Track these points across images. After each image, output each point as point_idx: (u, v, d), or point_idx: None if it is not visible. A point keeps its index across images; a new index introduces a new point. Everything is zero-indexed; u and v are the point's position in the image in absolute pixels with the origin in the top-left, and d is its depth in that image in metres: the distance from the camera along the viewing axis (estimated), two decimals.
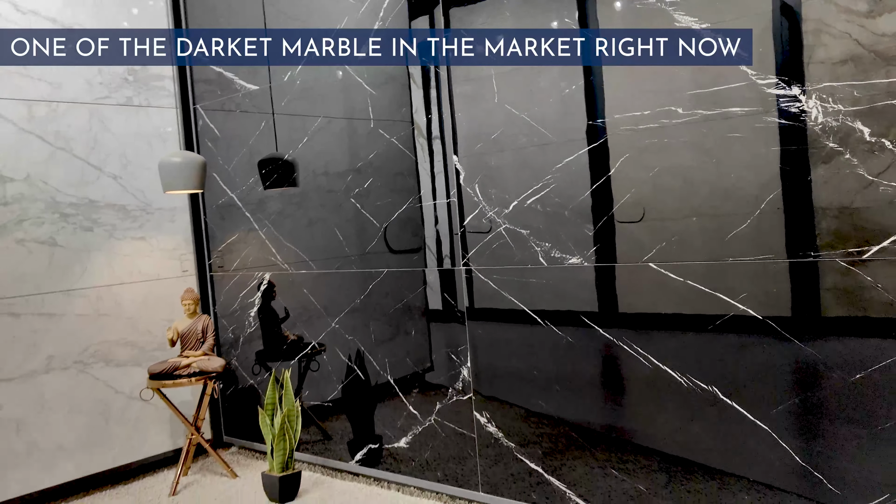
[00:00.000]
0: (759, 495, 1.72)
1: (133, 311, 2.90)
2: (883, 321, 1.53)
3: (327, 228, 2.66)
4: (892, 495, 1.54)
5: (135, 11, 2.93)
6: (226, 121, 3.00)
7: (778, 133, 1.64)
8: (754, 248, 1.69)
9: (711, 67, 1.72)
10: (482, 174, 2.19)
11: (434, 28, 2.25)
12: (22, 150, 2.62)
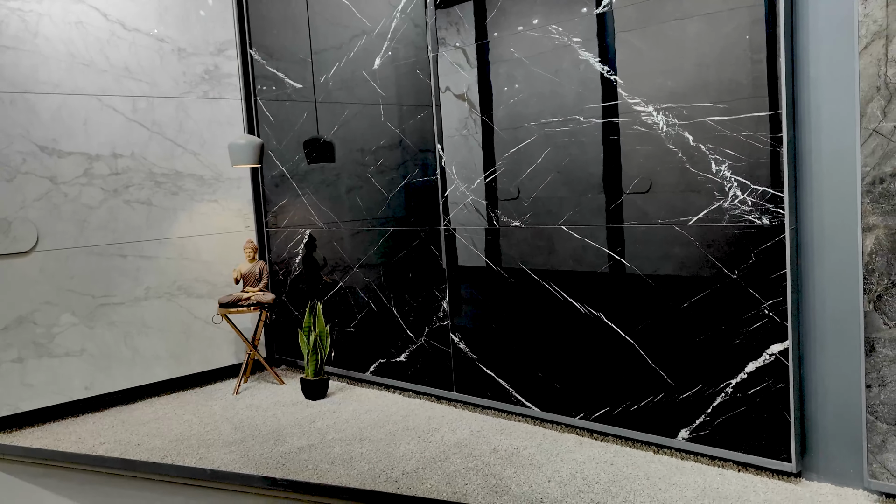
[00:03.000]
0: (625, 376, 2.48)
1: (208, 256, 3.82)
2: (697, 275, 2.26)
3: (352, 196, 3.49)
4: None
5: (213, 27, 3.79)
6: (279, 109, 3.84)
7: (639, 136, 2.37)
8: (627, 216, 2.43)
9: (597, 87, 2.45)
10: (457, 160, 2.97)
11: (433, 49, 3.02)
12: (129, 134, 3.53)
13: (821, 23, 2.02)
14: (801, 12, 2.06)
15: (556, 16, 2.56)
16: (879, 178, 1.92)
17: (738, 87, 2.15)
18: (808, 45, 2.05)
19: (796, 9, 2.07)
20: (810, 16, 2.04)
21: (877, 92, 1.90)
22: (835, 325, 2.07)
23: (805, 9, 2.05)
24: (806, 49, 2.06)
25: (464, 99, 2.91)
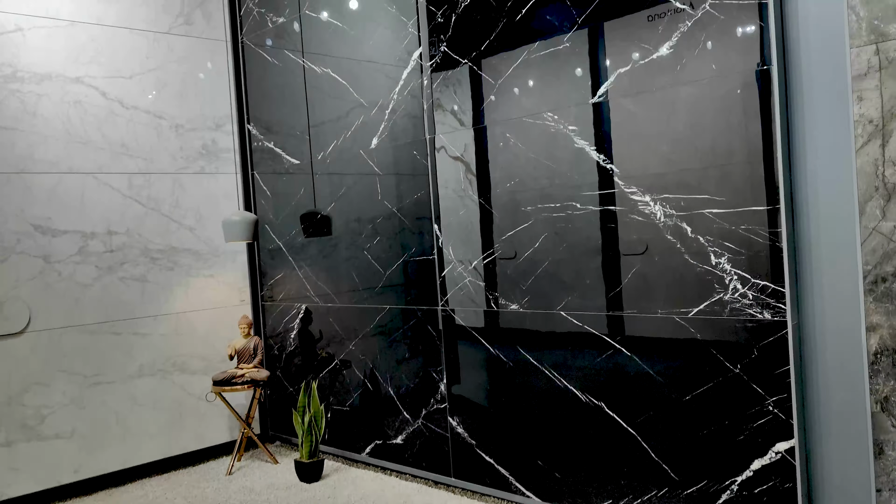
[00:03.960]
0: None
1: (203, 331, 3.77)
2: (699, 368, 2.22)
3: (349, 272, 3.46)
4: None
5: (211, 102, 3.81)
6: (276, 183, 3.84)
7: (636, 223, 2.35)
8: (627, 305, 2.40)
9: (594, 175, 2.44)
10: (454, 240, 2.96)
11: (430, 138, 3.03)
12: (125, 211, 3.51)
13: (818, 120, 2.03)
14: (798, 109, 2.06)
15: (552, 104, 2.57)
16: (881, 277, 1.89)
17: (735, 180, 2.14)
18: (805, 141, 2.05)
19: (792, 106, 2.07)
20: (806, 114, 2.04)
21: (875, 191, 1.89)
22: (842, 425, 2.02)
23: (801, 107, 2.05)
24: (803, 145, 2.06)
25: (460, 181, 2.91)
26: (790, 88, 2.07)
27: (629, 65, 2.35)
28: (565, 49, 2.52)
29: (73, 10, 3.36)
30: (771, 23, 2.04)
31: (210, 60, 3.81)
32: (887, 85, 1.85)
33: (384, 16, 3.15)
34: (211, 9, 3.80)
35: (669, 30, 2.24)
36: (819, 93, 2.01)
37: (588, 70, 2.48)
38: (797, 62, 2.05)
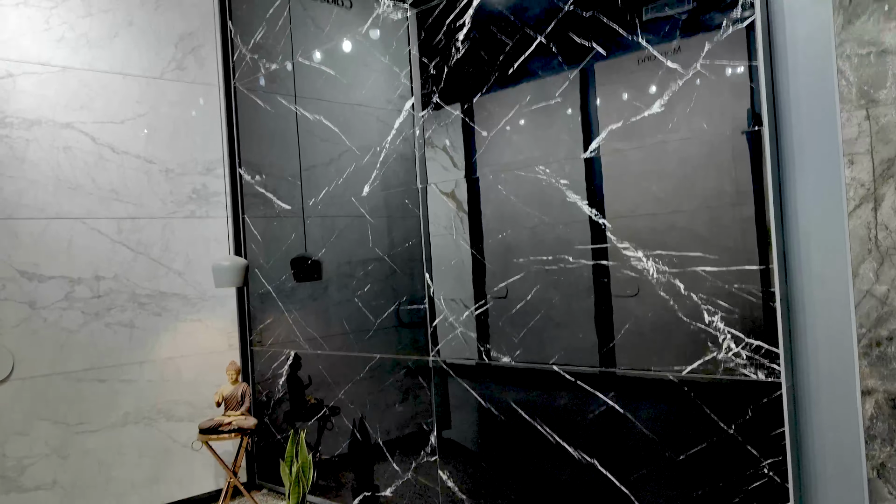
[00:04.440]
0: None
1: (190, 377, 3.71)
2: (693, 428, 2.20)
3: (339, 320, 3.42)
4: None
5: (202, 146, 3.80)
6: (266, 228, 3.82)
7: (629, 279, 2.34)
8: (620, 360, 2.38)
9: (586, 230, 2.44)
10: (446, 290, 2.93)
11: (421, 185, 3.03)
12: (113, 256, 3.48)
13: (810, 182, 2.03)
14: (789, 171, 2.07)
15: (544, 157, 2.57)
16: (876, 341, 1.88)
17: (728, 238, 2.14)
18: (797, 202, 2.05)
19: (784, 167, 2.08)
20: (798, 175, 2.05)
21: (868, 254, 1.89)
22: (838, 491, 2.00)
23: (793, 168, 2.06)
24: (795, 206, 2.06)
25: (452, 230, 2.90)
26: (782, 149, 2.08)
27: (621, 121, 2.36)
28: (557, 104, 2.53)
29: (66, 57, 3.36)
30: (762, 84, 2.05)
31: (202, 105, 3.80)
32: (878, 150, 1.86)
33: (377, 65, 3.16)
34: (204, 54, 3.81)
35: (661, 88, 2.26)
36: (811, 155, 2.02)
37: (580, 125, 2.49)
38: (788, 124, 2.06)
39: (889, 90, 1.84)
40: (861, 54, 1.88)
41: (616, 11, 2.36)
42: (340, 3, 3.38)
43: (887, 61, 1.84)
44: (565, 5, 2.48)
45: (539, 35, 2.56)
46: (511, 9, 2.64)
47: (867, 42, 1.87)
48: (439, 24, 2.89)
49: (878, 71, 1.85)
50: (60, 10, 3.35)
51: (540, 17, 2.56)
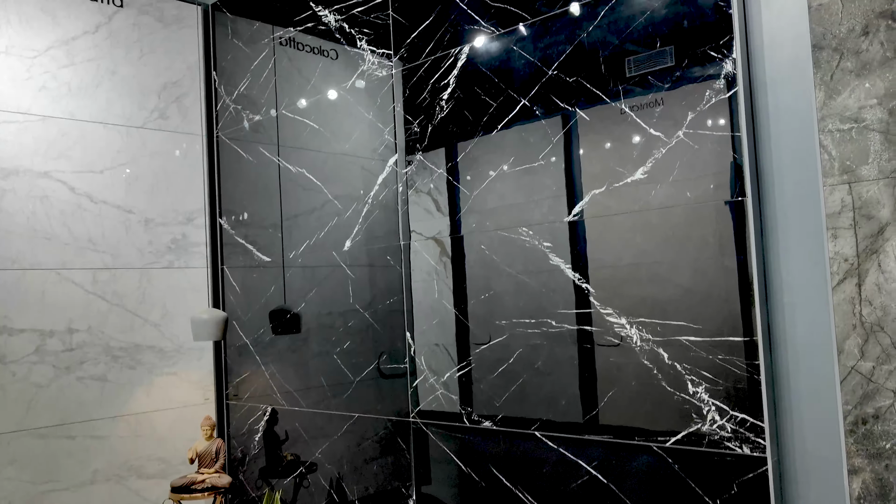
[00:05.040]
0: None
1: (163, 432, 3.61)
2: (678, 501, 2.15)
3: (317, 376, 3.36)
4: None
5: (183, 196, 3.76)
6: (246, 279, 3.76)
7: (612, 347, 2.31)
8: (603, 429, 2.33)
9: (570, 294, 2.41)
10: (427, 350, 2.89)
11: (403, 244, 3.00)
12: (87, 307, 3.40)
13: (793, 255, 2.02)
14: (773, 242, 2.06)
15: (528, 219, 2.56)
16: (862, 418, 1.85)
17: (712, 308, 2.11)
18: (781, 274, 2.04)
19: (767, 238, 2.07)
20: (781, 247, 2.04)
21: (853, 329, 1.87)
22: None
23: (776, 240, 2.05)
24: (779, 278, 2.04)
25: (434, 289, 2.86)
26: (765, 221, 2.07)
27: (604, 186, 2.35)
28: (540, 166, 2.52)
29: (47, 105, 3.33)
30: (745, 155, 2.05)
31: (184, 154, 3.77)
32: (861, 225, 1.85)
33: (361, 120, 3.15)
34: (188, 104, 3.79)
35: (644, 155, 2.25)
36: (794, 227, 2.01)
37: (563, 188, 2.47)
38: (772, 196, 2.06)
39: (871, 166, 1.84)
40: (843, 129, 1.88)
41: (600, 78, 2.36)
42: (326, 53, 3.38)
43: (869, 137, 1.84)
44: (549, 70, 2.49)
45: (523, 98, 2.56)
46: (495, 71, 2.65)
47: (848, 118, 1.87)
48: (424, 83, 2.89)
49: (859, 146, 1.86)
50: (43, 59, 3.33)
51: (524, 79, 2.56)
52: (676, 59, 2.20)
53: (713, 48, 2.11)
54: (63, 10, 3.40)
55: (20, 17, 3.27)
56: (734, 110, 2.07)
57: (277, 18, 3.56)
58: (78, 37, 3.44)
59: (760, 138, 2.08)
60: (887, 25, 1.81)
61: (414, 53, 2.93)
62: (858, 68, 1.86)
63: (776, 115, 2.05)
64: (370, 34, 3.11)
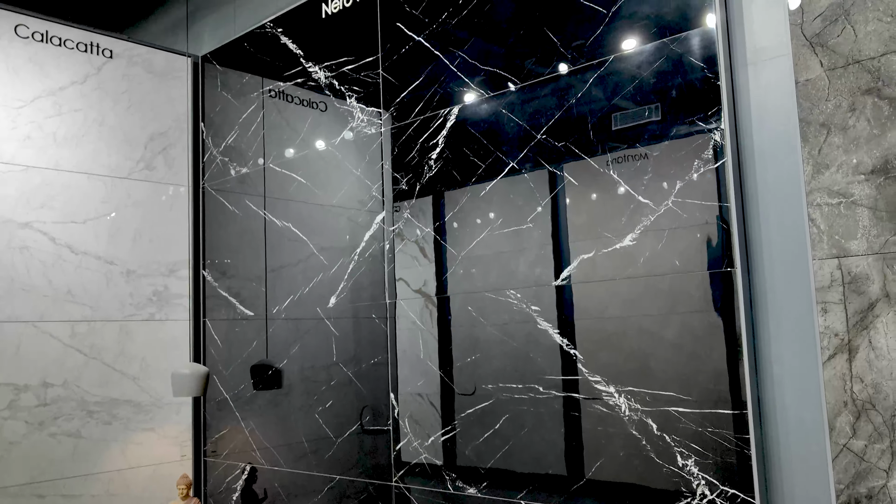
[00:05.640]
0: None
1: (138, 491, 3.50)
2: None
3: (298, 436, 3.28)
4: None
5: (166, 247, 3.71)
6: (228, 332, 3.70)
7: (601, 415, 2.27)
8: (592, 500, 2.27)
9: (557, 360, 2.37)
10: (411, 413, 2.83)
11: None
12: (64, 361, 3.32)
13: (783, 328, 2.00)
14: (762, 314, 2.04)
15: (515, 282, 2.53)
16: (855, 498, 1.81)
17: (701, 379, 2.08)
18: (770, 347, 2.02)
19: (756, 310, 2.05)
20: (771, 320, 2.02)
21: (844, 406, 1.84)
22: None
23: (765, 312, 2.03)
24: (769, 350, 2.02)
25: (420, 350, 2.82)
26: (754, 293, 2.06)
27: (592, 251, 2.34)
28: (528, 229, 2.51)
29: (31, 156, 3.30)
30: (734, 226, 2.04)
31: (169, 205, 3.74)
32: (851, 300, 1.84)
33: (349, 177, 3.14)
34: (174, 154, 3.77)
35: (633, 222, 2.24)
36: (783, 300, 2.00)
37: (551, 252, 2.46)
38: (760, 267, 2.05)
39: (860, 241, 1.84)
40: (831, 203, 1.88)
41: (588, 143, 2.37)
42: (315, 105, 3.38)
43: (857, 213, 1.84)
44: (538, 134, 2.49)
45: (511, 160, 2.56)
46: (484, 133, 2.65)
47: (837, 192, 1.87)
48: (413, 142, 2.89)
49: (848, 221, 1.86)
50: (29, 110, 3.31)
51: (513, 142, 2.56)
52: (665, 128, 2.20)
53: (702, 118, 2.12)
54: (52, 60, 3.39)
55: (7, 67, 3.26)
56: (722, 181, 2.07)
57: (268, 72, 3.57)
58: (66, 87, 3.43)
59: (749, 209, 2.08)
60: (873, 103, 1.82)
61: (403, 112, 2.94)
62: (846, 144, 1.86)
63: (764, 187, 2.05)
64: (360, 92, 3.12)
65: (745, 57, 2.11)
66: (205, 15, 4.19)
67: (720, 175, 2.08)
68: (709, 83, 2.11)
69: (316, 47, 3.34)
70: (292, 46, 3.44)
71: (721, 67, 2.09)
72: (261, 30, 3.60)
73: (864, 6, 1.84)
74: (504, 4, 2.62)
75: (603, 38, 2.35)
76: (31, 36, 3.34)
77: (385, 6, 3.03)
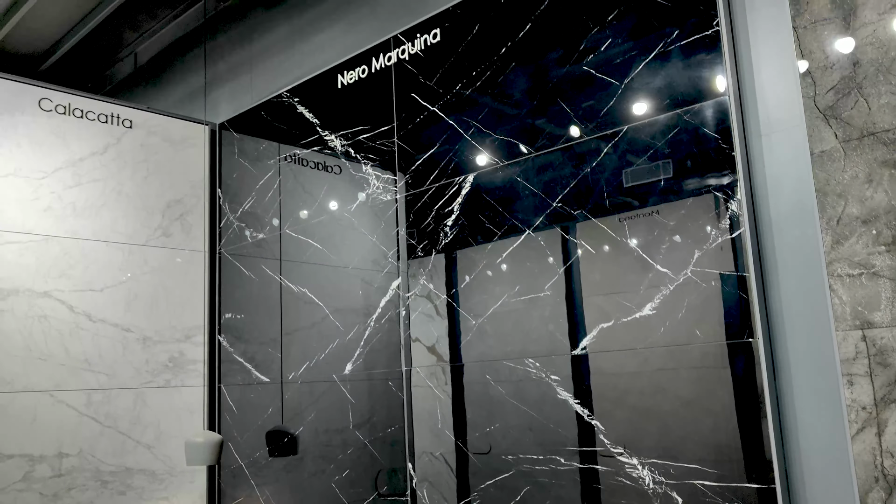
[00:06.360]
0: None
1: None
2: None
3: (312, 501, 3.22)
4: None
5: (182, 312, 3.72)
6: (243, 398, 3.68)
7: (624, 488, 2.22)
8: None
9: (578, 430, 2.34)
10: (429, 482, 2.78)
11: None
12: (79, 430, 3.31)
13: (808, 400, 1.97)
14: (786, 387, 2.01)
15: (533, 350, 2.52)
16: None
17: (726, 452, 2.05)
18: (796, 421, 1.99)
19: (780, 382, 2.03)
20: (796, 392, 1.99)
21: (875, 482, 1.80)
22: None
23: (790, 385, 2.01)
24: (795, 425, 1.99)
25: (437, 418, 2.79)
26: (777, 364, 2.03)
27: (612, 320, 2.32)
28: (546, 296, 2.50)
29: (51, 225, 3.34)
30: (753, 296, 2.03)
31: (185, 271, 3.76)
32: (877, 372, 1.81)
33: (365, 243, 3.16)
34: (191, 221, 3.81)
35: (652, 291, 2.24)
36: (807, 371, 1.98)
37: (569, 320, 2.45)
38: (782, 338, 2.03)
39: (883, 312, 1.82)
40: (852, 274, 1.87)
41: (604, 211, 2.38)
42: (330, 169, 3.43)
43: (879, 284, 1.83)
44: (554, 202, 2.51)
45: (527, 228, 2.57)
46: (499, 200, 2.67)
47: (858, 263, 1.87)
48: (428, 209, 2.91)
49: (871, 293, 1.84)
50: (50, 181, 3.37)
51: (528, 210, 2.58)
52: (681, 197, 2.21)
53: (717, 188, 2.13)
54: (74, 131, 3.47)
55: (31, 140, 3.33)
56: (740, 250, 2.07)
57: (284, 139, 3.63)
58: (86, 157, 3.50)
59: (768, 279, 2.07)
60: (890, 175, 1.83)
61: (419, 179, 2.97)
62: (864, 215, 1.86)
63: (783, 257, 2.05)
64: (375, 159, 3.16)
65: (758, 127, 2.13)
66: (222, 84, 4.29)
67: (738, 245, 2.08)
68: (723, 153, 2.13)
69: (332, 116, 3.40)
70: (308, 115, 3.50)
71: (735, 138, 2.10)
72: (277, 99, 3.68)
73: (877, 80, 1.86)
74: (517, 75, 2.67)
75: (616, 109, 2.38)
76: (55, 109, 3.42)
77: (400, 77, 3.09)
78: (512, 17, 2.71)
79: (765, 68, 2.14)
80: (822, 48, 1.97)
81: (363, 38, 3.44)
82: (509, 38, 2.71)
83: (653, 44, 2.31)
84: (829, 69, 1.95)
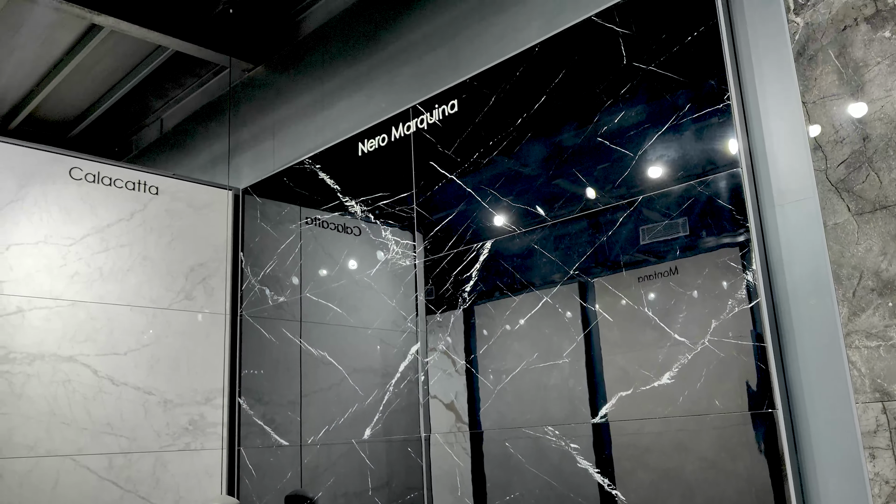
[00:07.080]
0: None
1: None
2: None
3: None
4: None
5: (203, 375, 3.76)
6: (262, 461, 3.68)
7: None
8: None
9: (598, 500, 2.33)
10: None
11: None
12: (99, 495, 3.32)
13: (831, 474, 1.96)
14: (809, 459, 2.00)
15: (552, 417, 2.52)
16: None
17: None
18: (819, 491, 1.97)
19: (802, 453, 2.01)
20: (818, 467, 1.98)
21: None
22: None
23: (812, 457, 1.99)
24: (817, 494, 1.97)
25: (457, 486, 2.78)
26: (798, 436, 2.02)
27: (630, 389, 2.33)
28: (564, 363, 2.52)
29: (78, 291, 3.42)
30: (772, 366, 2.04)
31: (207, 334, 3.82)
32: None
33: (384, 308, 3.20)
34: (214, 284, 3.88)
35: (670, 360, 2.25)
36: (828, 444, 1.97)
37: (589, 387, 2.45)
38: (802, 409, 2.02)
39: None
40: (870, 346, 1.88)
41: (620, 280, 2.41)
42: (350, 230, 3.49)
43: None
44: (571, 269, 2.54)
45: (545, 295, 2.60)
46: (517, 267, 2.71)
47: (875, 335, 1.88)
48: (447, 275, 2.96)
49: (889, 364, 1.85)
50: (78, 247, 3.46)
51: (545, 276, 2.62)
52: (697, 266, 2.24)
53: (733, 259, 2.16)
54: (102, 199, 3.57)
55: (61, 207, 3.44)
56: (757, 321, 2.09)
57: (305, 203, 3.72)
58: (113, 224, 3.59)
59: (786, 350, 2.08)
60: None
61: (437, 245, 3.02)
62: (880, 287, 1.88)
63: (800, 328, 2.06)
64: (394, 225, 3.23)
65: (772, 198, 2.17)
66: (245, 150, 4.41)
67: (755, 315, 2.09)
68: (738, 223, 2.16)
69: (352, 182, 3.48)
70: (329, 182, 3.59)
71: (749, 210, 2.14)
72: (299, 165, 3.78)
73: (887, 154, 1.90)
74: (533, 145, 2.74)
75: (631, 180, 2.43)
76: (84, 177, 3.53)
77: (419, 146, 3.18)
78: (527, 90, 2.79)
79: (776, 141, 2.18)
80: (831, 122, 2.01)
81: (383, 108, 3.55)
82: (525, 109, 2.79)
83: (666, 116, 2.37)
84: (840, 143, 1.99)
